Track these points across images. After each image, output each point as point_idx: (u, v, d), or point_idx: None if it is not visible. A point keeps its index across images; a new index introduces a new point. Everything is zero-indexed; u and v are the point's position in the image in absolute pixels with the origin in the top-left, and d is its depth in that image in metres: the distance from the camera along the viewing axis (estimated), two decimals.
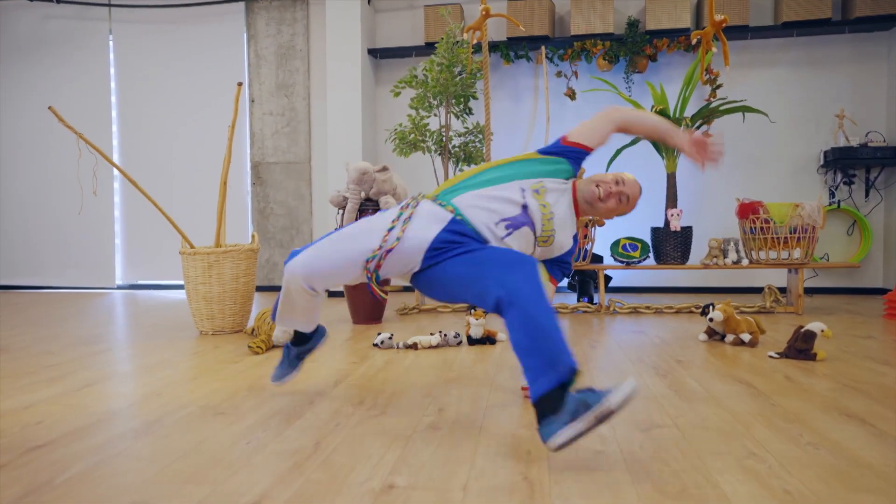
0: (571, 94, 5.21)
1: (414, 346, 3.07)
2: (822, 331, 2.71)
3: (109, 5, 6.11)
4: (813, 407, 1.98)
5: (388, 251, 1.81)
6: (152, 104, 6.18)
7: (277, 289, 5.96)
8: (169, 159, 6.17)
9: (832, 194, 5.08)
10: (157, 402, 2.09)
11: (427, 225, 1.83)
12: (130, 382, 2.39)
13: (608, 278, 4.62)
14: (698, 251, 4.78)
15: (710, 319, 3.12)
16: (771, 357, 2.76)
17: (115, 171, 6.20)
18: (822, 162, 5.06)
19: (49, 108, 3.06)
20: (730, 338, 3.08)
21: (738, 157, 5.20)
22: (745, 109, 4.14)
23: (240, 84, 3.31)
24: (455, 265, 1.76)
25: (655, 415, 1.91)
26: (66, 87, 6.27)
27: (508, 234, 1.85)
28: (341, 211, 3.86)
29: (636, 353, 2.90)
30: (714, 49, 3.91)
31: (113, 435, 1.75)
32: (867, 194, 5.03)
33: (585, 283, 4.46)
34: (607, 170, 4.65)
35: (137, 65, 6.18)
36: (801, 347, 2.70)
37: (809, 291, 5.13)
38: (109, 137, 6.23)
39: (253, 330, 3.43)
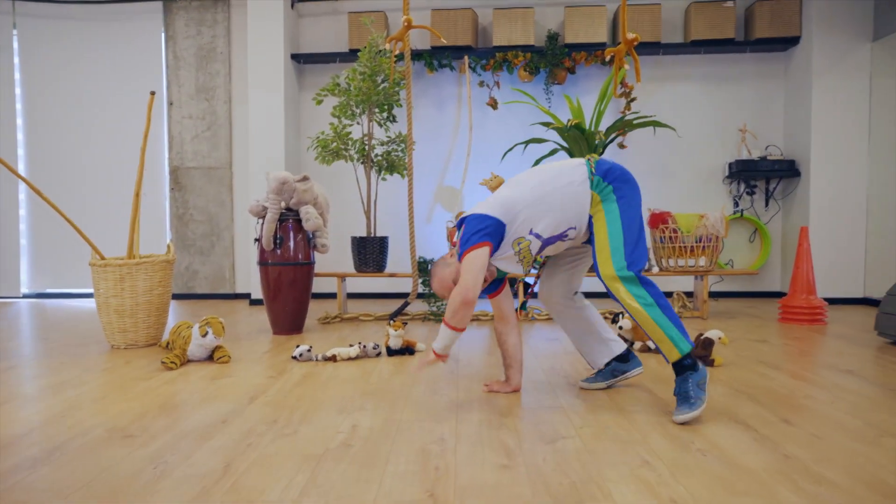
0: (493, 104, 5.32)
1: (333, 359, 3.07)
2: (720, 338, 2.89)
3: None
4: (706, 413, 2.12)
5: None
6: (63, 105, 5.91)
7: (198, 297, 5.83)
8: (81, 163, 5.92)
9: (736, 203, 5.39)
10: (59, 427, 2.03)
11: None
12: (32, 405, 2.31)
13: (528, 285, 4.74)
14: None
15: (620, 328, 3.27)
16: None
17: (22, 169, 5.91)
18: (727, 173, 5.36)
19: None
20: (638, 345, 3.24)
21: (650, 167, 5.44)
22: (655, 124, 4.34)
23: (153, 93, 3.22)
24: None
25: (561, 427, 2.00)
26: None
27: None
28: (261, 221, 3.82)
29: (549, 362, 3.01)
30: (627, 66, 4.07)
31: (9, 466, 1.69)
32: (767, 204, 5.36)
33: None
34: None
35: (46, 63, 5.90)
36: (700, 354, 2.87)
37: (715, 295, 5.42)
38: (14, 138, 5.92)
39: (168, 343, 3.35)
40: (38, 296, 6.05)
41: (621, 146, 4.99)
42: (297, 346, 3.12)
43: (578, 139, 4.22)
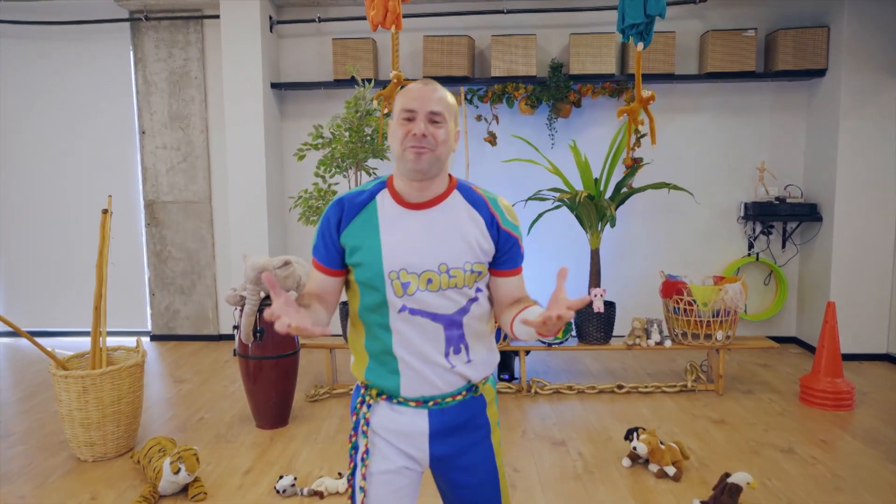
0: (492, 140, 4.91)
1: (319, 495, 2.79)
2: (748, 483, 2.61)
3: None
4: None
5: None
6: (30, 133, 5.46)
7: (177, 338, 5.51)
8: (50, 194, 5.51)
9: (751, 245, 5.04)
10: None
11: None
12: None
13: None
14: (622, 323, 4.63)
15: (634, 448, 2.98)
16: None
17: None
18: (742, 213, 5.00)
19: None
20: (654, 467, 2.96)
21: (660, 204, 5.07)
22: (670, 187, 3.98)
23: (105, 211, 2.82)
24: None
25: None
26: None
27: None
28: (238, 308, 3.48)
29: (554, 492, 2.72)
30: (641, 125, 3.70)
31: None
32: (784, 245, 5.03)
33: (508, 356, 4.27)
34: (528, 232, 4.41)
35: (8, 85, 5.42)
36: (726, 502, 2.59)
37: None
38: None
39: (139, 459, 3.05)
40: (9, 334, 5.71)
41: (629, 188, 4.61)
42: (281, 478, 2.83)
43: (588, 207, 3.85)
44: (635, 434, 3.01)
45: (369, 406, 1.55)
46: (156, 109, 5.35)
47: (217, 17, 5.09)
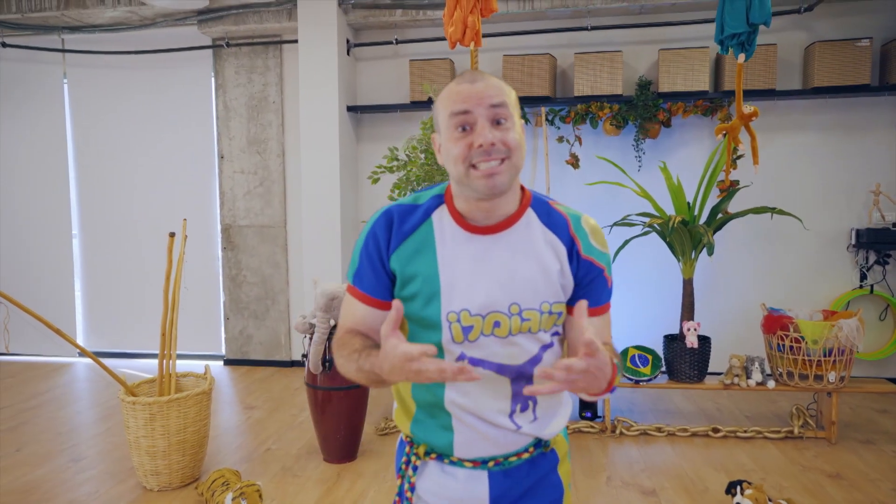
0: (574, 163, 4.66)
1: None
2: None
3: (63, 51, 5.51)
4: None
5: None
6: (113, 157, 5.61)
7: (250, 363, 5.47)
8: (133, 217, 5.63)
9: (863, 276, 4.56)
10: None
11: None
12: None
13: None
14: (717, 362, 4.25)
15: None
16: None
17: (75, 225, 5.70)
18: (853, 240, 4.53)
19: None
20: None
21: (758, 229, 4.67)
22: (776, 212, 3.61)
23: (172, 234, 2.76)
24: None
25: None
26: (19, 134, 5.69)
27: None
28: (308, 337, 3.35)
29: None
30: (741, 144, 3.38)
31: None
32: None
33: None
34: (613, 260, 4.11)
35: (96, 114, 5.61)
36: None
37: None
38: (66, 191, 5.68)
39: (202, 492, 2.94)
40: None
41: (726, 213, 4.25)
42: None
43: (682, 233, 3.54)
44: (739, 488, 2.66)
45: (415, 468, 1.31)
46: (234, 134, 5.40)
47: (295, 41, 5.10)
